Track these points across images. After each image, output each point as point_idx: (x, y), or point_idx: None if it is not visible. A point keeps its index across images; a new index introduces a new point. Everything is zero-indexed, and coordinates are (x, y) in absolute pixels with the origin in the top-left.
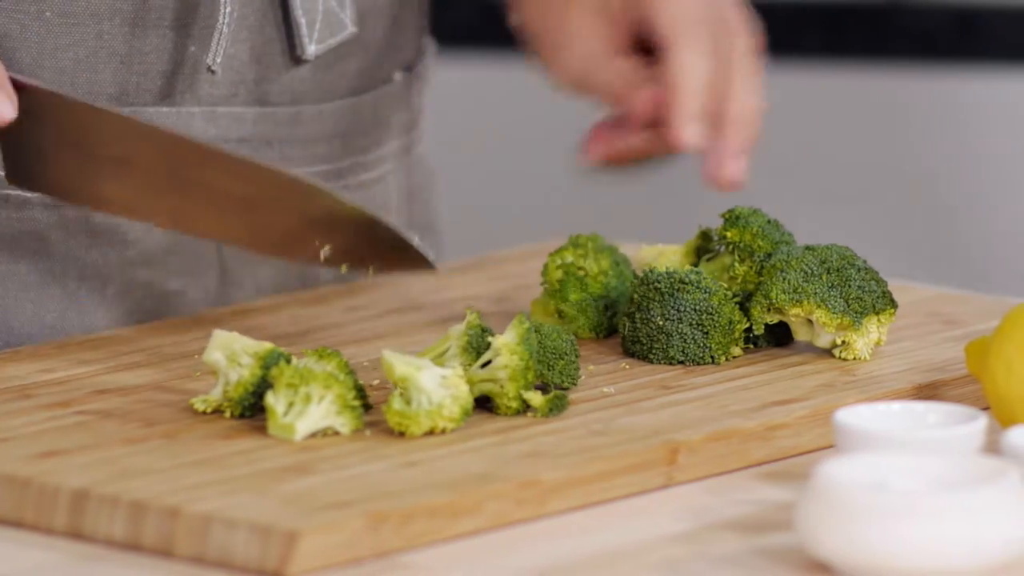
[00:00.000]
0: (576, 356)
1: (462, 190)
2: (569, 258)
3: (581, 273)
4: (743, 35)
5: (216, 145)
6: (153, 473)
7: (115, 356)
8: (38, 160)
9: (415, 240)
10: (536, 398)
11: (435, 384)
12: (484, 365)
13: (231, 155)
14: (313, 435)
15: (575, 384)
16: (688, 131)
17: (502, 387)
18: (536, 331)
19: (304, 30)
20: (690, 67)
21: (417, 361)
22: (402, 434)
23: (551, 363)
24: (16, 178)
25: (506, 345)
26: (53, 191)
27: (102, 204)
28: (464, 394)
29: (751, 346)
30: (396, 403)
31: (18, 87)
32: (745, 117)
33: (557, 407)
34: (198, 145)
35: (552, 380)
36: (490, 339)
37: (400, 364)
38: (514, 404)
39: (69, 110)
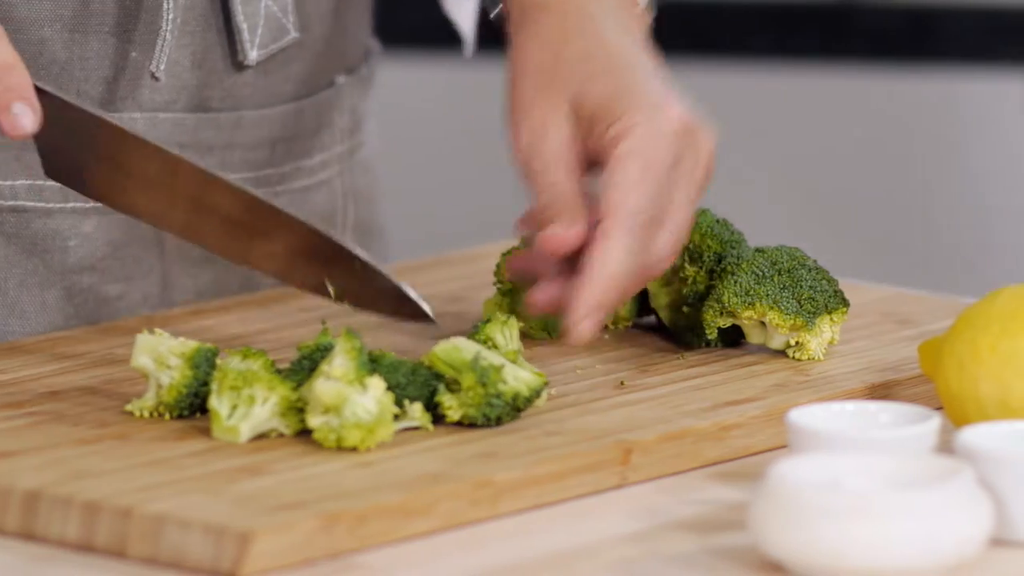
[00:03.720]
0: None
1: (410, 192)
2: None
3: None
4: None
5: (218, 173)
6: (106, 474)
7: (67, 357)
8: (70, 162)
9: (412, 293)
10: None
11: (369, 398)
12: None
13: (234, 185)
14: (262, 436)
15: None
16: (583, 326)
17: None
18: (396, 369)
19: (246, 35)
20: (612, 259)
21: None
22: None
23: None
24: (54, 175)
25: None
26: (88, 192)
27: (129, 211)
28: (391, 406)
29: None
30: (350, 417)
31: (42, 95)
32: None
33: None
34: (200, 170)
35: (412, 416)
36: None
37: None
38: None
39: (90, 122)
